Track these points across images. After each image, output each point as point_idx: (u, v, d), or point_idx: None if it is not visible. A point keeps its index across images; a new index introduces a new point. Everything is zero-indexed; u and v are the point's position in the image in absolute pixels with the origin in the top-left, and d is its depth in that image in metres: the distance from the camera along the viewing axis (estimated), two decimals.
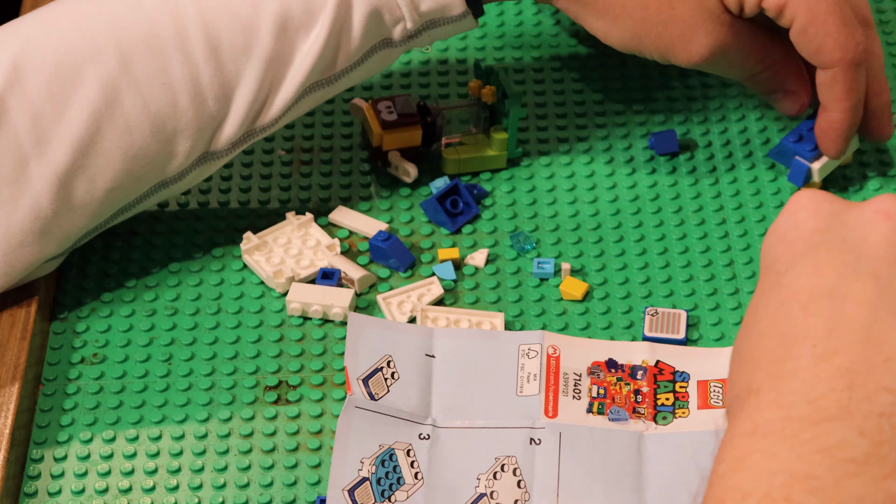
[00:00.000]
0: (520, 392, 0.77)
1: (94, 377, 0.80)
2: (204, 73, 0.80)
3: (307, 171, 0.92)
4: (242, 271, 0.86)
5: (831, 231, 0.63)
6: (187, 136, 0.80)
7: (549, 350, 0.79)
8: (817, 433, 0.57)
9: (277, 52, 0.81)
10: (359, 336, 0.79)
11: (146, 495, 0.75)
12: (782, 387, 0.59)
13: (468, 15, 0.84)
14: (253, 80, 0.81)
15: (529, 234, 0.87)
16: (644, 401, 0.77)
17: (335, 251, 0.86)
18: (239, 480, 0.76)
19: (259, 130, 0.83)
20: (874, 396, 0.58)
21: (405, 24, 0.83)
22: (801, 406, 0.59)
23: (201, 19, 0.80)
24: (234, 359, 0.81)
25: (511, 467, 0.74)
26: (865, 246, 0.62)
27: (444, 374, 0.78)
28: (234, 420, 0.79)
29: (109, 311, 0.84)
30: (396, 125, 0.89)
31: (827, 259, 0.62)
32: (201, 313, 0.84)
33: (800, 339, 0.60)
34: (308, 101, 0.84)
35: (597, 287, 0.85)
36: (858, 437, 0.57)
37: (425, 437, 0.75)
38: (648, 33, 0.84)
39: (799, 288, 0.62)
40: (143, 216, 0.89)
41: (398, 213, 0.89)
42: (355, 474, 0.74)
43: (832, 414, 0.58)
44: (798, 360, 0.60)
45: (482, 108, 0.91)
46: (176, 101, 0.79)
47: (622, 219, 0.88)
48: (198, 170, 0.83)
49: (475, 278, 0.85)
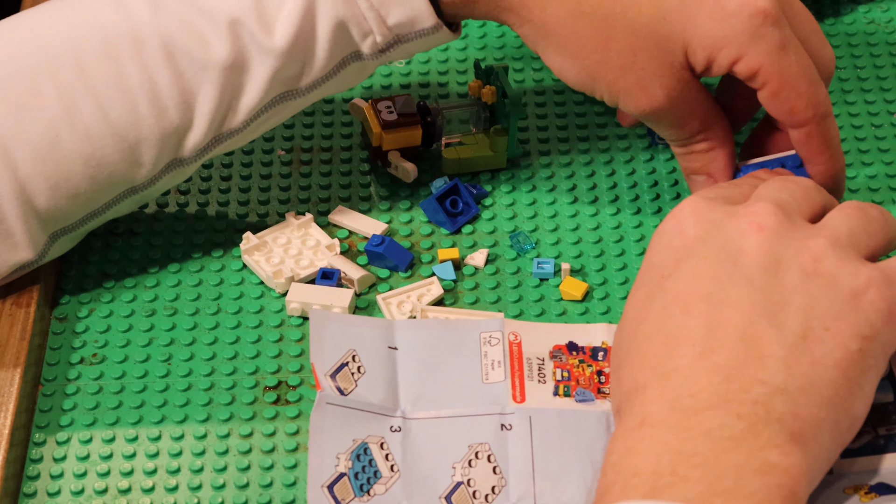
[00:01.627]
0: (486, 379, 0.78)
1: (93, 377, 0.80)
2: (162, 81, 0.80)
3: (307, 171, 0.92)
4: (242, 271, 0.86)
5: (710, 240, 0.70)
6: (151, 144, 0.80)
7: (511, 336, 0.80)
8: (699, 420, 0.64)
9: (234, 60, 0.80)
10: (322, 331, 0.79)
11: (145, 496, 0.75)
12: (666, 382, 0.66)
13: (441, 28, 0.82)
14: (213, 88, 0.80)
15: (529, 234, 0.87)
16: (607, 381, 0.78)
17: (335, 251, 0.86)
18: (238, 481, 0.76)
19: (227, 135, 0.82)
20: (749, 387, 0.65)
21: (374, 38, 0.81)
22: (684, 399, 0.65)
23: (157, 28, 0.79)
24: (233, 359, 0.81)
25: (485, 454, 0.75)
26: (741, 255, 0.69)
27: (408, 366, 0.79)
28: (233, 420, 0.78)
29: (109, 311, 0.84)
30: (396, 125, 0.89)
31: (705, 266, 0.69)
32: (201, 313, 0.84)
33: (681, 340, 0.67)
34: (279, 111, 0.83)
35: (597, 287, 0.85)
36: (736, 419, 0.64)
37: (396, 429, 0.76)
38: (604, 76, 0.81)
39: (679, 292, 0.69)
40: (142, 216, 0.89)
41: (398, 213, 0.89)
42: (333, 470, 0.74)
43: (712, 403, 0.65)
44: (680, 359, 0.67)
45: (482, 108, 0.91)
46: (135, 108, 0.80)
47: (622, 219, 0.88)
48: (168, 176, 0.83)
49: (475, 278, 0.85)
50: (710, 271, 0.69)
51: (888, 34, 1.00)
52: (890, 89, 0.96)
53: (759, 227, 0.70)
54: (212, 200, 0.90)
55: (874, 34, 1.00)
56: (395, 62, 0.82)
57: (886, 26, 1.00)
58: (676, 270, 0.70)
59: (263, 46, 0.80)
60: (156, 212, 0.89)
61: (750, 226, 0.70)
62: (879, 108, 0.95)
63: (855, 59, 0.98)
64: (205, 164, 0.92)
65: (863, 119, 0.94)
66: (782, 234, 0.70)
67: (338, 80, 0.83)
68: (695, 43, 0.79)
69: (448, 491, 0.74)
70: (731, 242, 0.70)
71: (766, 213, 0.70)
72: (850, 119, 0.94)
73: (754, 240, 0.69)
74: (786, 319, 0.67)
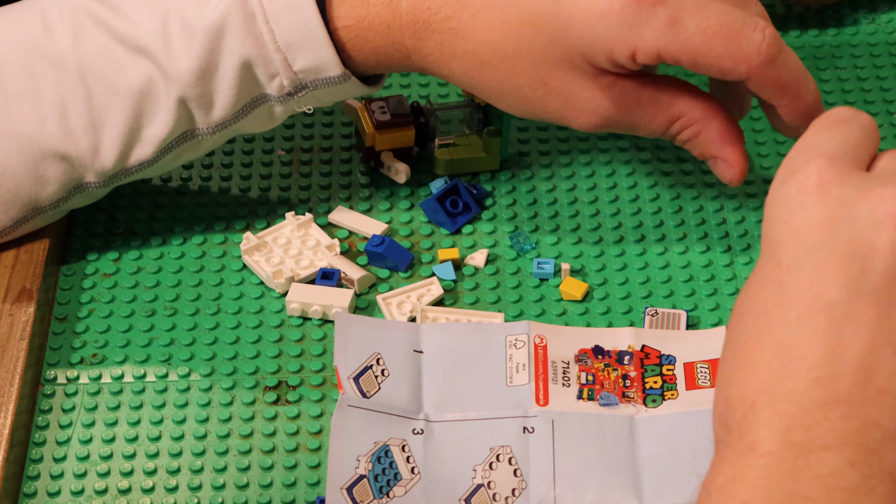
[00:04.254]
0: (510, 382, 0.78)
1: (93, 377, 0.80)
2: (72, 101, 0.80)
3: (307, 171, 0.92)
4: (242, 271, 0.86)
5: (839, 229, 0.62)
6: (55, 161, 0.81)
7: (536, 340, 0.79)
8: (811, 461, 0.59)
9: (143, 86, 0.80)
10: (347, 335, 0.79)
11: (145, 496, 0.75)
12: (778, 406, 0.60)
13: (350, 78, 0.81)
14: (121, 113, 0.81)
15: (529, 234, 0.87)
16: (633, 385, 0.78)
17: (335, 251, 0.86)
18: (238, 481, 0.76)
19: (134, 170, 0.83)
20: (865, 431, 0.60)
21: (281, 81, 0.81)
22: (796, 431, 0.60)
23: (76, 53, 0.80)
24: (233, 359, 0.81)
25: (506, 457, 0.75)
26: (872, 255, 0.61)
27: (433, 369, 0.78)
28: (233, 420, 0.78)
29: (109, 311, 0.84)
30: (389, 125, 0.89)
31: (831, 265, 0.61)
32: (201, 313, 0.84)
33: (796, 356, 0.61)
34: (188, 150, 0.83)
35: (597, 287, 0.85)
36: (850, 468, 0.59)
37: (419, 431, 0.76)
38: (532, 111, 0.81)
39: (799, 292, 0.62)
40: (142, 216, 0.89)
41: (398, 213, 0.89)
42: (352, 472, 0.74)
43: (827, 443, 0.59)
44: (794, 381, 0.61)
45: (475, 109, 0.91)
46: (43, 123, 0.80)
47: (622, 219, 0.88)
48: (75, 198, 0.84)
49: (475, 278, 0.85)
50: (836, 273, 0.61)
51: (888, 34, 1.00)
52: (890, 89, 0.96)
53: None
54: (212, 200, 0.90)
55: (874, 34, 1.00)
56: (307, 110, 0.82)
57: (886, 27, 1.00)
58: (798, 263, 0.62)
59: (170, 75, 0.80)
60: (155, 211, 0.89)
61: (887, 216, 0.61)
62: (879, 108, 0.95)
63: (855, 59, 0.98)
64: (205, 164, 0.92)
65: None
66: None
67: (247, 121, 0.83)
68: (589, 52, 0.77)
69: (468, 493, 0.74)
70: (863, 235, 0.61)
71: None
72: None
73: (888, 236, 0.61)
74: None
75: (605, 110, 0.80)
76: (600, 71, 0.79)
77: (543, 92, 0.80)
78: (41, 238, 0.85)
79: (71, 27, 0.81)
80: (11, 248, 0.85)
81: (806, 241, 0.62)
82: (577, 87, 0.79)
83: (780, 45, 0.76)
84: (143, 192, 0.90)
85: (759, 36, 0.76)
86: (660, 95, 0.80)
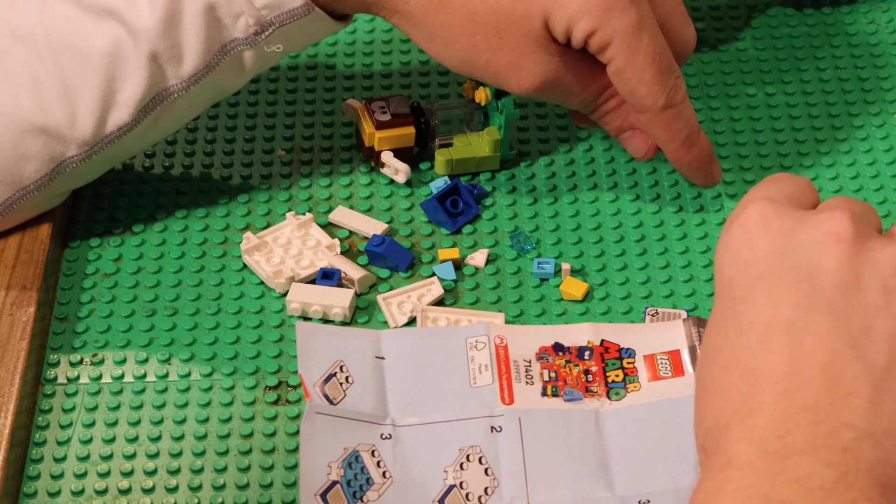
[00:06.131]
0: (474, 383, 0.78)
1: (93, 377, 0.80)
2: (43, 73, 0.81)
3: (307, 171, 0.92)
4: (242, 271, 0.86)
5: (784, 256, 0.64)
6: (34, 136, 0.81)
7: (497, 340, 0.80)
8: (787, 466, 0.61)
9: (111, 47, 0.81)
10: (308, 344, 0.79)
11: (146, 496, 0.75)
12: (750, 421, 0.62)
13: (313, 10, 0.82)
14: (93, 78, 0.81)
15: (529, 234, 0.87)
16: (595, 380, 0.78)
17: (335, 251, 0.86)
18: (239, 481, 0.76)
19: (113, 136, 0.83)
20: (837, 432, 0.61)
21: (246, 20, 0.81)
22: (770, 440, 0.61)
23: (43, 26, 0.81)
24: (233, 359, 0.81)
25: (476, 456, 0.75)
26: (819, 273, 0.63)
27: (396, 375, 0.79)
28: (233, 420, 0.78)
29: (109, 311, 0.84)
30: (390, 125, 0.89)
31: (781, 288, 0.63)
32: (201, 313, 0.84)
33: (761, 375, 0.62)
34: (167, 110, 0.83)
35: (597, 287, 0.85)
36: (826, 468, 0.60)
37: (387, 436, 0.76)
38: (477, 60, 0.82)
39: (755, 318, 0.64)
40: (141, 216, 0.89)
41: (398, 213, 0.89)
42: (325, 479, 0.74)
43: (800, 448, 0.61)
44: (762, 396, 0.62)
45: (476, 108, 0.91)
46: (18, 97, 0.81)
47: (622, 219, 0.88)
48: (59, 179, 0.83)
49: (475, 278, 0.85)
50: (788, 294, 0.63)
51: (888, 34, 1.00)
52: (890, 89, 0.96)
53: (837, 237, 0.64)
54: (212, 200, 0.90)
55: (874, 34, 1.00)
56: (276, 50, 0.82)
57: (886, 26, 1.00)
58: (750, 292, 0.64)
59: (137, 31, 0.80)
60: (154, 211, 0.89)
61: (826, 236, 0.64)
62: (880, 107, 0.95)
63: (855, 59, 0.98)
64: (205, 165, 0.92)
65: (863, 119, 0.94)
66: (860, 245, 0.64)
67: (219, 74, 0.83)
68: (553, 15, 0.80)
69: (441, 494, 0.74)
70: (807, 257, 0.64)
71: (842, 222, 0.64)
72: (850, 119, 0.94)
73: (831, 253, 0.64)
74: (869, 348, 0.62)
75: (548, 74, 0.83)
76: (550, 38, 0.82)
77: (496, 43, 0.82)
78: (41, 238, 0.85)
79: (35, 1, 0.82)
80: (12, 249, 0.85)
81: (755, 272, 0.65)
82: (529, 48, 0.82)
83: (684, 97, 0.82)
84: (143, 193, 0.90)
85: (674, 80, 0.82)
86: (593, 67, 0.84)
